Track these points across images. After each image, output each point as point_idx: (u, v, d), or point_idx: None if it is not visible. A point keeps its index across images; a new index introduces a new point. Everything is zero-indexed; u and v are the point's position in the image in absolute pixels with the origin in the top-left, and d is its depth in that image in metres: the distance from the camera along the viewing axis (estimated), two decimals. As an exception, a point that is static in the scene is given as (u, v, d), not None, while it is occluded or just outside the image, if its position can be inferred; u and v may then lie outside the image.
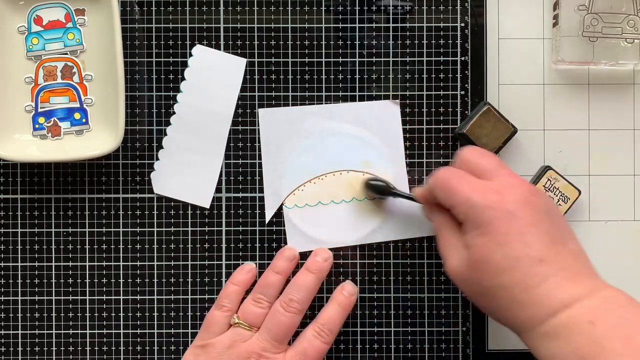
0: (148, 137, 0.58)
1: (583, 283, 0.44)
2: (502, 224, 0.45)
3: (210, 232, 0.58)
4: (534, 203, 0.46)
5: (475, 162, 0.49)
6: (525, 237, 0.45)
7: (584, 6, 0.56)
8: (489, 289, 0.46)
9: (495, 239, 0.45)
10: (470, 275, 0.47)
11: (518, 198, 0.46)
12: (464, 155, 0.50)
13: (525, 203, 0.46)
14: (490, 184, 0.47)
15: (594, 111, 0.58)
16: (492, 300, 0.46)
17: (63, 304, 0.58)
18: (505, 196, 0.46)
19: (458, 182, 0.48)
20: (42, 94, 0.56)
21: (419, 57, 0.58)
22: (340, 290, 0.56)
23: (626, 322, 0.42)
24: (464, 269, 0.47)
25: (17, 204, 0.58)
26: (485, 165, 0.49)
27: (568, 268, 0.44)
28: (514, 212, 0.45)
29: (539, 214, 0.46)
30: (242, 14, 0.58)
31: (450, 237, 0.49)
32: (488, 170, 0.48)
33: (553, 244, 0.45)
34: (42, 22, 0.56)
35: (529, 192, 0.46)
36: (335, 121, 0.58)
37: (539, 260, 0.44)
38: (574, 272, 0.44)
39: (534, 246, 0.44)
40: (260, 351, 0.52)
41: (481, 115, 0.56)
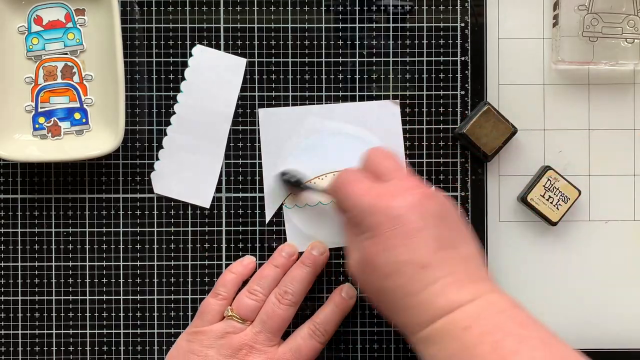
0: (148, 137, 0.58)
1: (467, 289, 0.44)
2: (388, 229, 0.45)
3: (210, 232, 0.58)
4: (425, 207, 0.46)
5: (375, 163, 0.50)
6: (411, 242, 0.44)
7: (584, 6, 0.56)
8: (377, 290, 0.46)
9: (381, 243, 0.45)
10: (362, 276, 0.47)
11: (408, 202, 0.45)
12: (368, 155, 0.51)
13: (415, 207, 0.45)
14: (382, 188, 0.47)
15: (594, 111, 0.58)
16: (381, 302, 0.47)
17: (63, 304, 0.58)
18: (395, 200, 0.46)
19: (352, 185, 0.48)
20: (42, 94, 0.56)
21: (419, 57, 0.58)
22: (339, 292, 0.56)
23: (499, 327, 0.42)
24: (359, 268, 0.48)
25: (17, 204, 0.58)
26: (383, 167, 0.49)
27: (455, 274, 0.44)
28: (402, 216, 0.45)
29: (429, 218, 0.45)
30: (242, 14, 0.58)
31: (351, 236, 0.49)
32: (386, 172, 0.48)
33: (440, 249, 0.45)
34: (42, 22, 0.56)
35: (420, 195, 0.46)
36: (335, 121, 0.58)
37: (423, 266, 0.44)
38: (460, 278, 0.44)
39: (418, 252, 0.44)
40: (253, 343, 0.52)
41: (481, 115, 0.56)
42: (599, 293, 0.58)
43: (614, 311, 0.58)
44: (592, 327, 0.58)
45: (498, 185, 0.58)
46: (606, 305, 0.58)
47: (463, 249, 0.46)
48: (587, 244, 0.59)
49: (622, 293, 0.58)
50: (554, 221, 0.57)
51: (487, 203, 0.58)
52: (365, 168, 0.50)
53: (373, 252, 0.45)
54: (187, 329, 0.55)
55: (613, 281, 0.58)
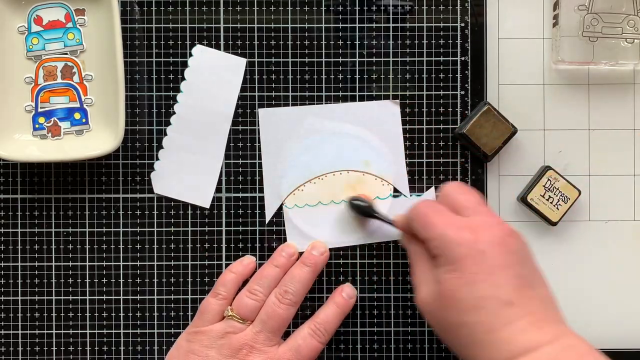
0: (148, 137, 0.58)
1: (546, 330, 0.44)
2: (473, 263, 0.45)
3: (210, 232, 0.58)
4: (508, 245, 0.46)
5: (455, 198, 0.49)
6: (495, 278, 0.44)
7: (584, 6, 0.56)
8: (453, 325, 0.46)
9: (464, 277, 0.45)
10: (436, 310, 0.47)
11: (492, 238, 0.46)
12: (446, 190, 0.51)
13: (499, 244, 0.45)
14: (466, 221, 0.47)
15: (594, 111, 0.58)
16: (455, 338, 0.46)
17: (63, 304, 0.58)
18: (479, 235, 0.46)
19: (435, 216, 0.48)
20: (42, 94, 0.56)
21: (419, 57, 0.58)
22: (340, 292, 0.56)
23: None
24: (432, 302, 0.47)
25: (17, 204, 0.58)
26: (464, 202, 0.49)
27: (534, 313, 0.44)
28: (486, 252, 0.45)
29: (512, 256, 0.45)
30: (242, 14, 0.58)
31: (423, 268, 0.49)
32: (467, 207, 0.48)
33: (522, 288, 0.45)
34: (42, 22, 0.56)
35: (504, 233, 0.46)
36: (335, 121, 0.58)
37: (507, 303, 0.44)
38: (539, 318, 0.44)
39: (502, 288, 0.44)
40: (253, 343, 0.52)
41: (481, 115, 0.56)
42: (599, 293, 0.58)
43: (614, 311, 0.58)
44: (593, 327, 0.58)
45: (498, 185, 0.58)
46: (606, 305, 0.58)
47: (541, 289, 0.46)
48: (587, 244, 0.59)
49: (622, 293, 0.58)
50: (554, 221, 0.57)
51: (487, 203, 0.58)
52: (443, 201, 0.50)
53: (455, 285, 0.45)
54: (187, 329, 0.55)
55: (613, 281, 0.58)
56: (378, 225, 0.57)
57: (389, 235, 0.57)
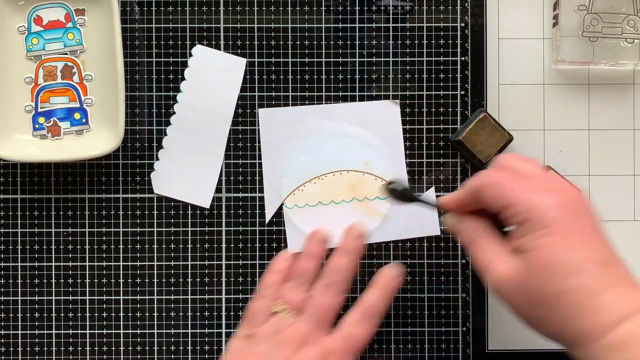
0: (148, 137, 0.58)
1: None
2: (568, 225, 0.42)
3: (210, 232, 0.58)
4: (589, 207, 0.44)
5: (517, 167, 0.46)
6: (591, 239, 0.42)
7: (584, 6, 0.56)
8: (551, 294, 0.42)
9: (561, 240, 0.42)
10: (526, 282, 0.43)
11: (576, 200, 0.43)
12: (503, 161, 0.47)
13: (583, 206, 0.43)
14: (545, 185, 0.44)
15: (594, 111, 0.58)
16: (553, 308, 0.42)
17: (63, 304, 0.58)
18: (564, 197, 0.43)
19: (512, 182, 0.44)
20: (42, 94, 0.56)
21: (419, 57, 0.58)
22: (382, 274, 0.54)
23: None
24: (517, 276, 0.43)
25: (17, 204, 0.58)
26: (530, 169, 0.46)
27: (627, 276, 0.42)
28: (577, 213, 0.43)
29: (595, 218, 0.44)
30: (242, 14, 0.58)
31: (491, 244, 0.46)
32: (534, 173, 0.45)
33: (612, 251, 0.43)
34: (42, 22, 0.56)
35: (581, 196, 0.44)
36: (335, 121, 0.58)
37: (605, 264, 0.42)
38: (633, 281, 0.42)
39: (599, 249, 0.42)
40: (305, 335, 0.52)
41: (477, 122, 0.56)
42: (599, 293, 0.58)
43: (614, 311, 0.58)
44: (592, 327, 0.58)
45: (498, 185, 0.58)
46: (606, 305, 0.58)
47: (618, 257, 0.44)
48: (587, 244, 0.58)
49: (622, 293, 0.58)
50: (554, 221, 0.57)
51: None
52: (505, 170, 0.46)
53: (552, 250, 0.42)
54: (237, 334, 0.53)
55: (613, 281, 0.58)
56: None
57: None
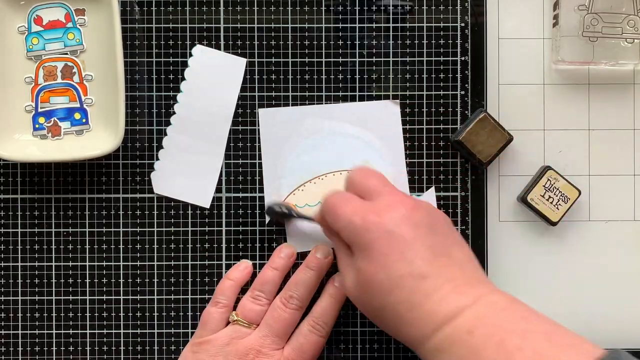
0: (148, 137, 0.58)
1: (467, 293, 0.44)
2: (382, 245, 0.45)
3: (210, 232, 0.58)
4: (414, 218, 0.46)
5: (359, 183, 0.49)
6: (406, 255, 0.45)
7: (584, 6, 0.56)
8: (378, 309, 0.46)
9: (377, 261, 0.45)
10: (361, 297, 0.47)
11: (397, 217, 0.46)
12: (351, 177, 0.51)
13: (404, 220, 0.45)
14: (370, 206, 0.47)
15: (594, 111, 0.58)
16: (383, 320, 0.47)
17: (63, 304, 0.58)
18: (383, 216, 0.46)
19: (341, 206, 0.48)
20: (42, 94, 0.56)
21: (419, 57, 0.58)
22: (332, 282, 0.56)
23: (501, 326, 0.42)
24: (356, 290, 0.47)
25: (17, 204, 0.58)
26: (368, 186, 0.49)
27: (453, 279, 0.44)
28: (393, 231, 0.45)
29: (420, 229, 0.45)
30: (242, 14, 0.58)
31: (344, 258, 0.49)
32: (371, 190, 0.48)
33: (435, 258, 0.45)
34: (42, 22, 0.56)
35: (407, 208, 0.46)
36: (335, 121, 0.58)
37: (422, 276, 0.44)
38: (459, 283, 0.44)
39: (415, 263, 0.44)
40: (259, 347, 0.52)
41: (477, 122, 0.56)
42: (599, 293, 0.58)
43: (614, 311, 0.58)
44: (592, 327, 0.58)
45: (498, 185, 0.58)
46: (606, 305, 0.58)
47: (457, 254, 0.46)
48: (587, 244, 0.59)
49: (622, 293, 0.58)
50: (554, 221, 0.57)
51: (487, 203, 0.58)
52: (351, 189, 0.50)
53: (371, 270, 0.45)
54: (192, 340, 0.55)
55: (613, 281, 0.58)
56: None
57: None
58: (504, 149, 0.57)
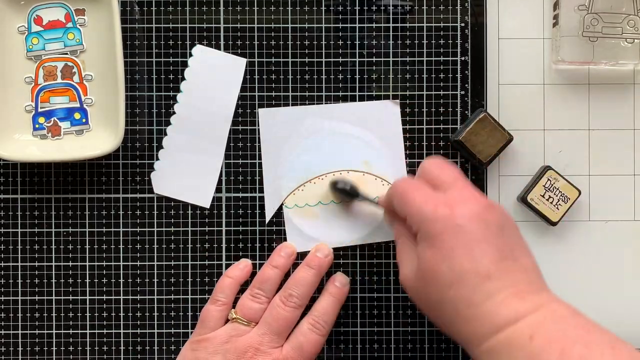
0: (148, 137, 0.58)
1: (529, 299, 0.44)
2: (450, 238, 0.45)
3: (210, 232, 0.58)
4: (486, 218, 0.45)
5: (433, 173, 0.49)
6: (473, 252, 0.44)
7: (584, 6, 0.56)
8: (435, 302, 0.46)
9: (442, 252, 0.45)
10: (419, 287, 0.47)
11: (469, 212, 0.45)
12: (424, 165, 0.50)
13: (476, 218, 0.45)
14: (442, 197, 0.47)
15: (594, 111, 0.58)
16: (439, 314, 0.46)
17: (63, 304, 0.58)
18: (455, 210, 0.45)
19: (413, 193, 0.48)
20: (42, 94, 0.56)
21: (419, 57, 0.58)
22: (332, 282, 0.56)
23: (564, 334, 0.42)
24: (414, 279, 0.47)
25: (17, 204, 0.58)
26: (442, 177, 0.48)
27: (516, 284, 0.44)
28: (464, 226, 0.45)
29: (490, 229, 0.45)
30: (242, 14, 0.58)
31: (406, 246, 0.49)
32: (444, 182, 0.48)
33: (502, 260, 0.44)
34: (42, 22, 0.56)
35: (481, 206, 0.46)
36: (335, 121, 0.58)
37: (486, 276, 0.44)
38: (521, 288, 0.44)
39: (481, 262, 0.44)
40: (258, 345, 0.52)
41: (477, 122, 0.56)
42: (599, 293, 0.58)
43: (614, 311, 0.58)
44: (592, 327, 0.58)
45: (498, 186, 0.58)
46: (606, 305, 0.58)
47: (523, 259, 0.46)
48: (587, 244, 0.59)
49: (622, 293, 0.58)
50: (554, 221, 0.57)
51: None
52: (422, 177, 0.50)
53: (434, 260, 0.45)
54: (191, 338, 0.55)
55: (613, 281, 0.59)
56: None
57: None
58: (504, 149, 0.57)
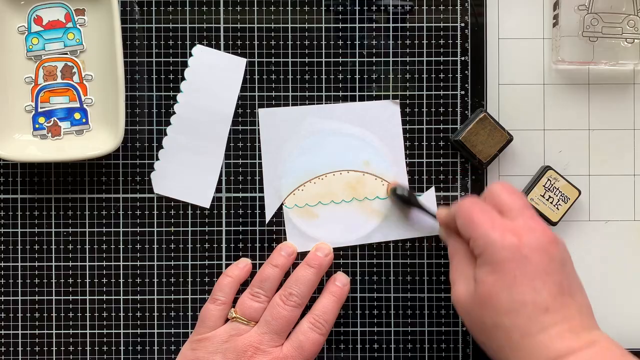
0: (148, 137, 0.58)
1: (582, 336, 0.44)
2: (515, 267, 0.45)
3: (210, 232, 0.58)
4: (551, 252, 0.46)
5: (501, 198, 0.49)
6: (535, 283, 0.45)
7: (584, 6, 0.56)
8: (489, 326, 0.46)
9: (504, 280, 0.45)
10: (473, 309, 0.47)
11: (535, 244, 0.46)
12: (492, 189, 0.50)
13: (542, 250, 0.46)
14: (510, 225, 0.47)
15: (594, 111, 0.58)
16: (490, 338, 0.47)
17: (63, 304, 0.58)
18: (523, 239, 0.46)
19: (480, 216, 0.48)
20: (42, 94, 0.56)
21: (419, 57, 0.58)
22: (333, 281, 0.56)
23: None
24: (469, 300, 0.48)
25: (17, 204, 0.58)
26: (510, 204, 0.49)
27: (571, 320, 0.45)
28: (529, 257, 0.45)
29: (553, 263, 0.46)
30: (242, 14, 0.58)
31: (462, 265, 0.49)
32: (512, 209, 0.48)
33: (561, 295, 0.45)
34: (42, 22, 0.56)
35: (548, 239, 0.46)
36: (335, 121, 0.58)
37: (544, 309, 0.44)
38: (576, 324, 0.45)
39: (541, 294, 0.45)
40: (258, 344, 0.52)
41: (477, 122, 0.56)
42: (599, 293, 0.58)
43: (613, 311, 0.58)
44: (592, 327, 0.58)
45: (498, 185, 0.58)
46: (606, 305, 0.58)
47: (579, 297, 0.46)
48: (587, 244, 0.59)
49: (622, 293, 0.58)
50: (554, 221, 0.57)
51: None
52: (489, 200, 0.50)
53: (495, 286, 0.45)
54: (190, 337, 0.55)
55: (613, 281, 0.59)
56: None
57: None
58: (504, 149, 0.57)
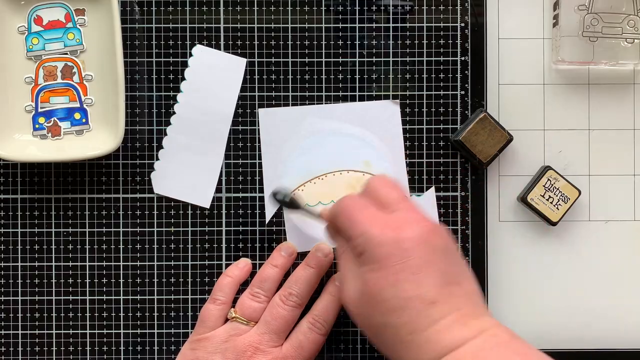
0: (148, 137, 0.58)
1: (472, 324, 0.43)
2: (396, 262, 0.44)
3: (210, 232, 0.58)
4: (431, 242, 0.45)
5: (379, 193, 0.48)
6: (419, 277, 0.44)
7: (584, 6, 0.56)
8: (378, 325, 0.45)
9: (387, 277, 0.44)
10: (362, 308, 0.46)
11: (415, 236, 0.44)
12: (370, 184, 0.49)
13: (422, 241, 0.44)
14: (388, 219, 0.46)
15: (594, 111, 0.58)
16: (380, 338, 0.46)
17: (63, 304, 0.58)
18: (402, 233, 0.44)
19: (358, 213, 0.47)
20: (42, 94, 0.56)
21: (419, 57, 0.58)
22: (333, 282, 0.56)
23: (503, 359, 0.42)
24: (358, 301, 0.46)
25: (17, 204, 0.58)
26: (387, 197, 0.47)
27: (460, 310, 0.44)
28: (409, 250, 0.44)
29: (435, 253, 0.45)
30: (242, 14, 0.58)
31: (348, 264, 0.48)
32: (390, 202, 0.47)
33: (447, 285, 0.44)
34: (42, 22, 0.56)
35: (427, 229, 0.45)
36: (335, 121, 0.58)
37: (431, 302, 0.43)
38: (465, 313, 0.44)
39: (426, 287, 0.43)
40: (257, 344, 0.52)
41: (477, 122, 0.56)
42: (599, 293, 0.58)
43: (613, 311, 0.58)
44: (592, 327, 0.58)
45: (498, 185, 0.58)
46: (606, 305, 0.58)
47: (466, 284, 0.46)
48: (587, 244, 0.59)
49: (622, 293, 0.58)
50: (554, 221, 0.57)
51: (487, 203, 0.58)
52: (368, 195, 0.49)
53: (378, 285, 0.44)
54: (190, 337, 0.55)
55: (613, 281, 0.59)
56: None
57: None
58: (504, 149, 0.57)
